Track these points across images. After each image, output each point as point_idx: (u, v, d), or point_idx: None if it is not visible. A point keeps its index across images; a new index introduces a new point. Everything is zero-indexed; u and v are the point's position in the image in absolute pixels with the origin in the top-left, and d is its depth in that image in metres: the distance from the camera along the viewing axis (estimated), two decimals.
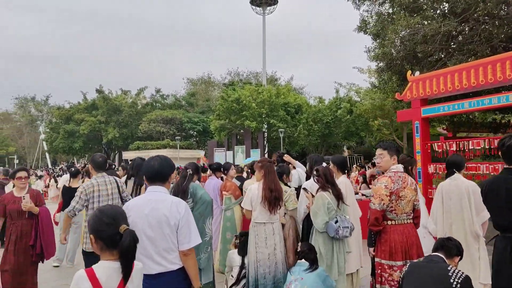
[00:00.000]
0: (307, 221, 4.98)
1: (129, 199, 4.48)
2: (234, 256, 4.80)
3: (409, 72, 8.22)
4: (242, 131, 33.04)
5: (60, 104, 48.97)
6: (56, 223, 7.27)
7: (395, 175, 4.02)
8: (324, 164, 5.02)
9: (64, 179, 9.12)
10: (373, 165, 14.43)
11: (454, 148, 7.34)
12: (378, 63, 12.13)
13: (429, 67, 10.40)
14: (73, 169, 7.72)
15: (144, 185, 5.51)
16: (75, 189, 5.81)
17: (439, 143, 7.75)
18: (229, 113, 32.53)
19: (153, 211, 2.86)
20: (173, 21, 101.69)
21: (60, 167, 46.07)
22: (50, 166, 56.15)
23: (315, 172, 4.81)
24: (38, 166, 58.59)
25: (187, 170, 4.84)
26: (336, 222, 4.52)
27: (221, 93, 42.36)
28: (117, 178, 4.91)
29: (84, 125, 41.26)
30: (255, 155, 31.41)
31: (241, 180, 7.71)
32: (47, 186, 24.06)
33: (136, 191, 5.61)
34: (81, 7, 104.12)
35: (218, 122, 32.72)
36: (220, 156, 32.42)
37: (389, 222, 3.98)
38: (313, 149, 32.27)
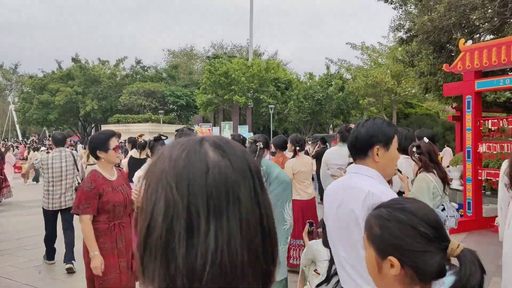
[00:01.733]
0: None
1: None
2: (319, 248, 3.94)
3: (462, 40, 7.44)
4: (229, 106, 31.98)
5: (32, 73, 46.12)
6: None
7: None
8: (426, 140, 4.19)
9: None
10: None
11: None
12: (407, 34, 11.34)
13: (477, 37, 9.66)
14: (142, 141, 7.47)
15: None
16: (143, 161, 6.02)
17: (495, 120, 7.07)
18: (216, 87, 31.30)
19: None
20: None
21: (32, 139, 43.83)
22: (20, 138, 53.49)
23: (414, 149, 3.98)
24: (8, 138, 55.68)
25: (257, 144, 3.94)
26: (443, 209, 3.74)
27: (205, 66, 40.89)
28: (74, 152, 5.83)
29: (60, 95, 39.05)
30: (243, 131, 30.49)
31: None
32: (25, 159, 22.57)
33: None
34: None
35: (205, 96, 31.46)
36: (206, 132, 31.30)
37: None
38: (302, 126, 31.61)
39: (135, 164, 6.28)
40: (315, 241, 4.15)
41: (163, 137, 4.23)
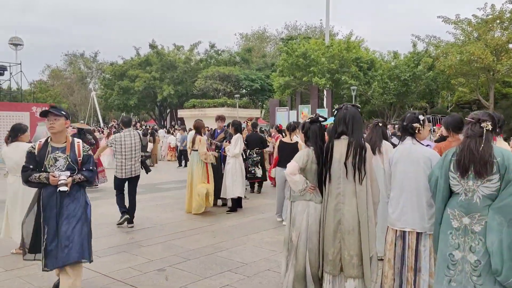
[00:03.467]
0: None
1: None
2: None
3: None
4: (307, 89, 30.86)
5: (111, 61, 47.99)
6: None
7: None
8: None
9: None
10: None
11: None
12: None
13: None
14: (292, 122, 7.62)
15: None
16: (292, 144, 7.05)
17: None
18: (293, 69, 30.26)
19: None
20: None
21: (111, 124, 45.82)
22: (102, 124, 56.35)
23: None
24: (90, 123, 58.93)
25: (482, 125, 2.94)
26: None
27: (280, 48, 39.88)
28: (139, 131, 7.69)
29: (139, 81, 40.22)
30: (322, 115, 29.26)
31: None
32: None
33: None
34: None
35: (282, 79, 30.54)
36: (282, 116, 30.49)
37: None
38: (388, 108, 29.71)
39: (286, 148, 7.07)
40: None
41: (321, 119, 3.89)
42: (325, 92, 30.79)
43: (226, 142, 8.30)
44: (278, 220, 7.45)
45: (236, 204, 8.05)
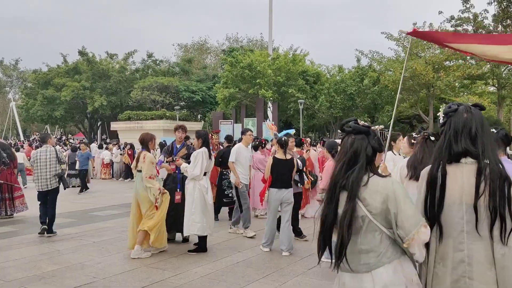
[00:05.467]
0: None
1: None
2: None
3: None
4: (252, 102, 29.60)
5: (35, 69, 43.41)
6: None
7: None
8: None
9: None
10: None
11: None
12: None
13: None
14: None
15: None
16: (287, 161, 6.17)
17: None
18: (239, 81, 28.89)
19: None
20: None
21: (33, 138, 41.34)
22: (22, 137, 50.93)
23: None
24: (9, 137, 53.08)
25: None
26: None
27: (223, 59, 38.39)
28: (58, 148, 8.68)
29: (66, 90, 36.52)
30: (268, 129, 28.12)
31: None
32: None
33: None
34: None
35: (227, 90, 28.99)
36: (227, 129, 28.86)
37: None
38: (333, 122, 29.25)
39: (280, 165, 6.16)
40: None
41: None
42: (269, 104, 29.76)
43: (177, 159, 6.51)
44: (264, 250, 6.19)
45: (201, 243, 6.19)
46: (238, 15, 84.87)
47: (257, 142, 9.13)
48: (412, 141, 4.63)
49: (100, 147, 21.69)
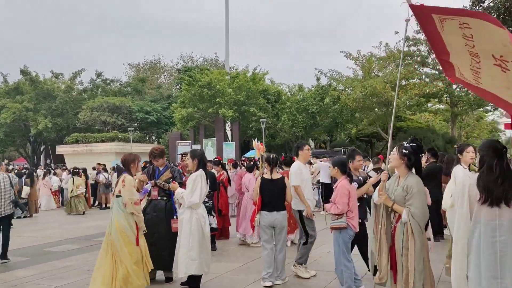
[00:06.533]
0: None
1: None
2: None
3: None
4: (211, 122, 28.59)
5: None
6: None
7: None
8: None
9: None
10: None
11: None
12: None
13: None
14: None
15: None
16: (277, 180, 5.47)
17: None
18: (197, 100, 27.87)
19: None
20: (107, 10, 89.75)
21: None
22: None
23: None
24: None
25: None
26: None
27: (177, 79, 37.23)
28: (10, 175, 7.92)
29: (6, 112, 33.64)
30: (229, 149, 27.15)
31: None
32: None
33: None
34: None
35: (185, 110, 27.84)
36: (184, 149, 27.59)
37: None
38: (294, 141, 28.78)
39: (270, 186, 5.44)
40: None
41: None
42: (228, 124, 28.89)
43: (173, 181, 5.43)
44: (266, 285, 5.18)
45: (193, 283, 5.07)
46: (192, 35, 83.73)
47: (251, 163, 8.19)
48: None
49: (47, 173, 19.62)
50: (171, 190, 5.49)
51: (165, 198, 5.62)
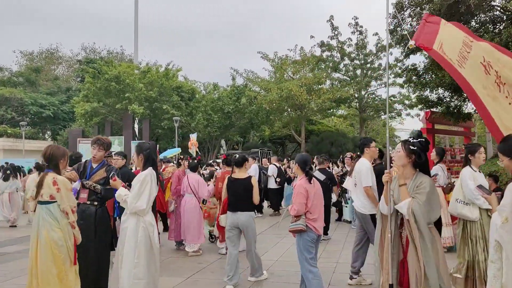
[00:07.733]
0: None
1: None
2: None
3: None
4: (118, 118, 26.37)
5: None
6: None
7: None
8: None
9: None
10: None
11: None
12: None
13: None
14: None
15: None
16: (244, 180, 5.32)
17: None
18: (103, 94, 25.52)
19: None
20: None
21: None
22: None
23: None
24: None
25: None
26: None
27: (79, 70, 33.89)
28: None
29: None
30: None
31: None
32: None
33: None
34: None
35: (88, 105, 25.30)
36: (86, 149, 25.01)
37: None
38: (209, 141, 27.84)
39: (237, 186, 5.51)
40: None
41: None
42: (136, 121, 27.00)
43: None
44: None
45: None
46: (97, 26, 77.52)
47: (195, 162, 7.14)
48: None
49: None
50: (103, 194, 4.34)
51: (95, 203, 4.42)
